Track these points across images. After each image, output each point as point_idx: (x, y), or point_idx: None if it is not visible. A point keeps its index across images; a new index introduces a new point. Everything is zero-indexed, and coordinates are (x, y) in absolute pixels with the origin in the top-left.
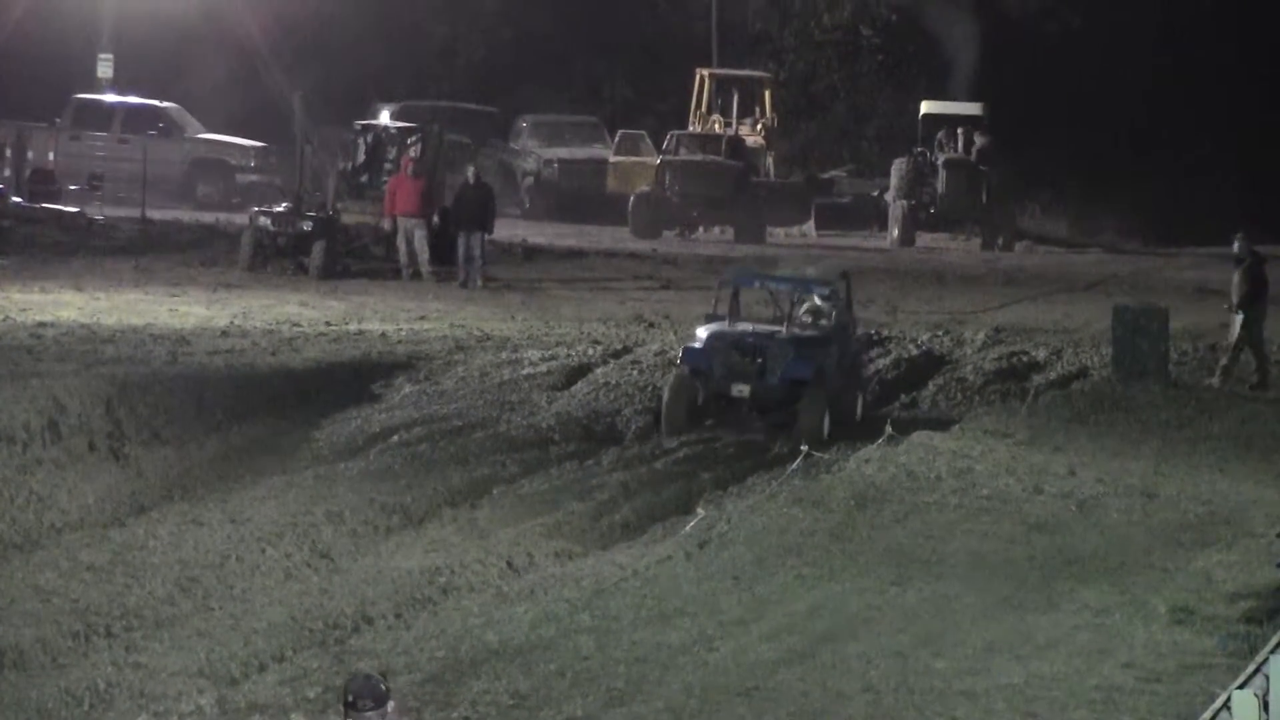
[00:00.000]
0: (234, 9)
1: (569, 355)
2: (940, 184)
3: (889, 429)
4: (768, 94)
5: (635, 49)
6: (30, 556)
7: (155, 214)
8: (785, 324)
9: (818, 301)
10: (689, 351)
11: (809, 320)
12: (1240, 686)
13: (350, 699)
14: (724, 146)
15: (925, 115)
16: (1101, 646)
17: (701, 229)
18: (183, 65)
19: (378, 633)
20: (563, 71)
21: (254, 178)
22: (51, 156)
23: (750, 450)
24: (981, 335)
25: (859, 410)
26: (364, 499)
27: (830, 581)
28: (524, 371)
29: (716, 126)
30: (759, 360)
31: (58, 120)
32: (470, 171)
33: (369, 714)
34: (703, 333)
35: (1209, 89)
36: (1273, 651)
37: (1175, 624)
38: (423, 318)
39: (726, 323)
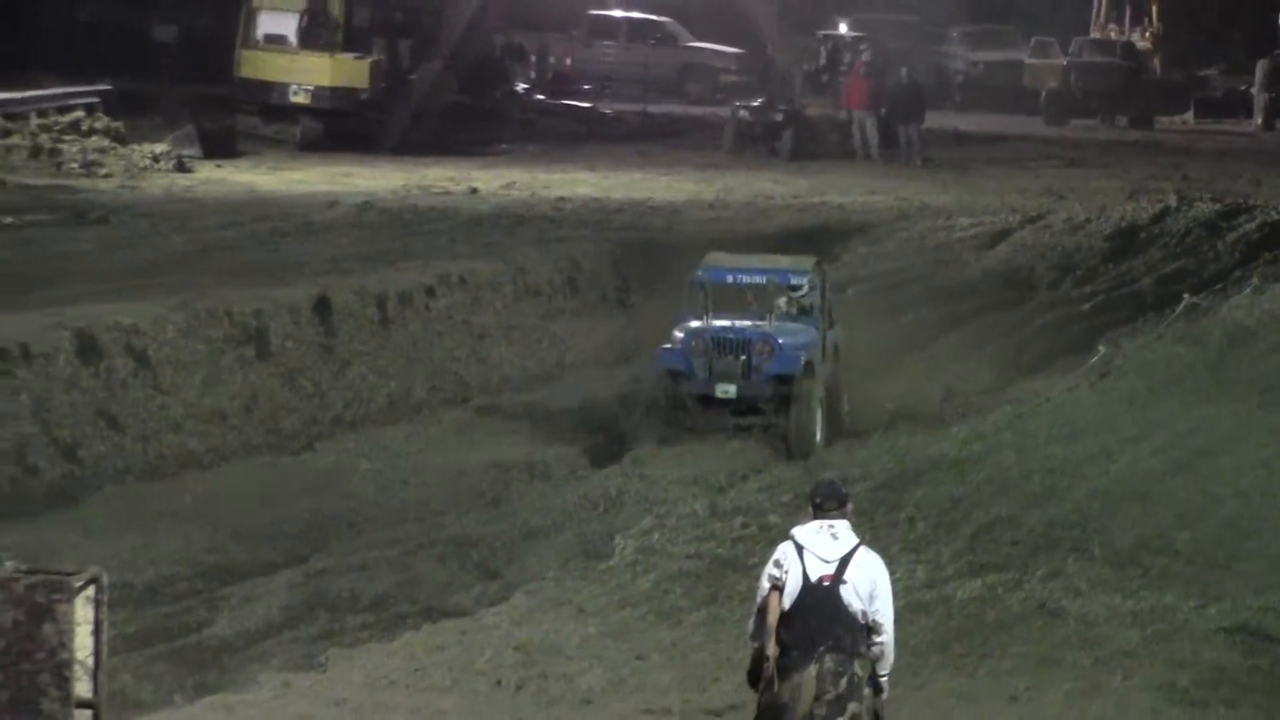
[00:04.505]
0: None
1: (992, 221)
2: None
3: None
4: (1155, 7)
5: None
6: (552, 388)
7: (654, 108)
8: (768, 317)
9: (795, 292)
10: (665, 354)
11: (790, 312)
12: None
13: (818, 500)
14: (1118, 50)
15: None
16: None
17: (1101, 118)
18: None
19: (838, 450)
20: None
21: (734, 78)
22: (569, 61)
23: (1138, 298)
24: None
25: (846, 410)
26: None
27: (1207, 406)
28: (955, 235)
29: (1112, 33)
30: (743, 356)
31: (574, 32)
32: (903, 71)
33: (833, 513)
34: (679, 333)
35: None
36: None
37: None
38: (872, 192)
39: (703, 321)
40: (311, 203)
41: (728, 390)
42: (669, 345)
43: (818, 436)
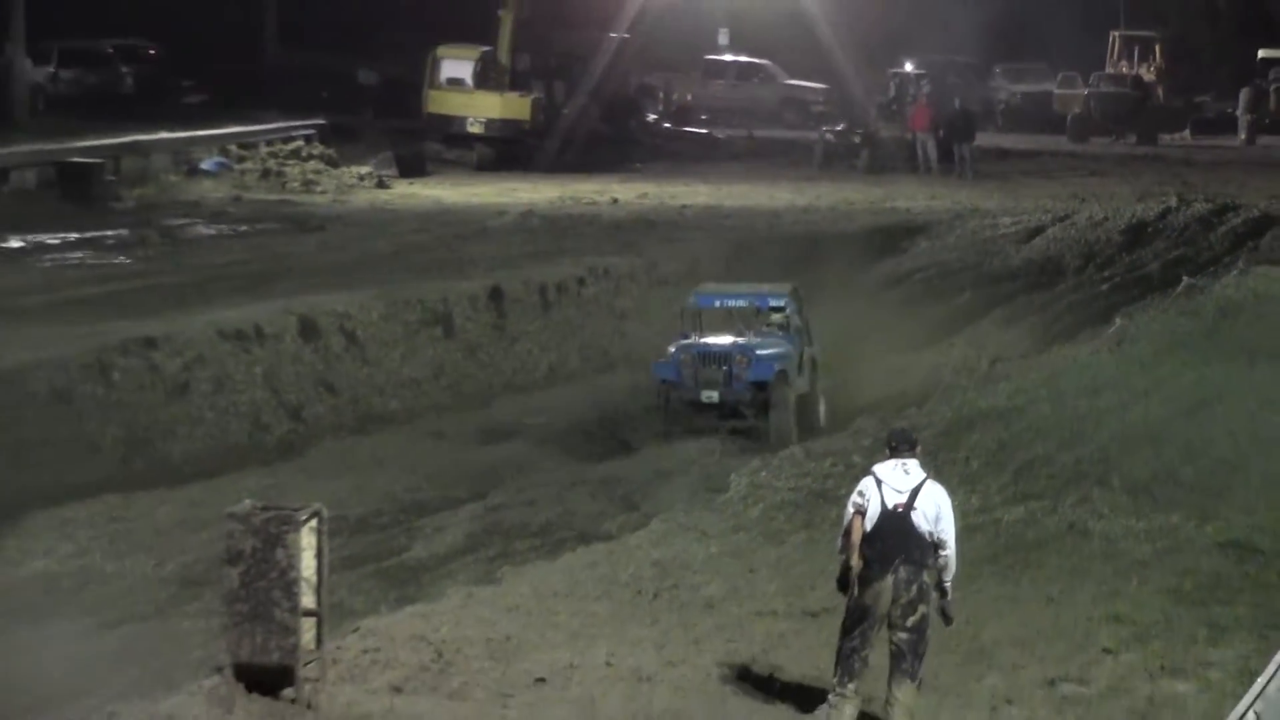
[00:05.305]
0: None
1: (1029, 220)
2: (1273, 102)
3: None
4: (1158, 46)
5: (1070, 18)
6: (637, 368)
7: (758, 133)
8: (747, 334)
9: (774, 314)
10: (659, 366)
11: (771, 330)
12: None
13: (893, 444)
14: (1129, 82)
15: (1261, 58)
16: None
17: (1115, 136)
18: (775, 32)
19: (910, 405)
20: (1016, 30)
21: (822, 109)
22: (689, 97)
23: (1147, 280)
24: None
25: (822, 414)
26: (899, 316)
27: (1203, 366)
28: (999, 231)
29: (1124, 68)
30: (724, 367)
31: (693, 73)
32: (957, 101)
33: (905, 454)
34: (671, 348)
35: None
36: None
37: None
38: (933, 198)
39: (693, 339)
40: (485, 212)
41: (711, 396)
42: (663, 359)
43: (794, 434)
